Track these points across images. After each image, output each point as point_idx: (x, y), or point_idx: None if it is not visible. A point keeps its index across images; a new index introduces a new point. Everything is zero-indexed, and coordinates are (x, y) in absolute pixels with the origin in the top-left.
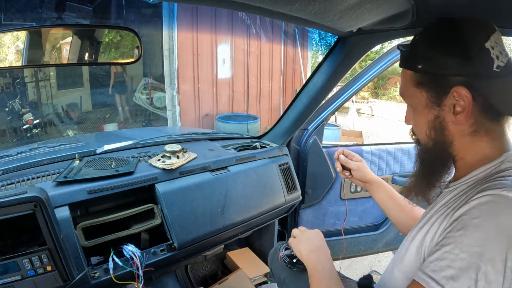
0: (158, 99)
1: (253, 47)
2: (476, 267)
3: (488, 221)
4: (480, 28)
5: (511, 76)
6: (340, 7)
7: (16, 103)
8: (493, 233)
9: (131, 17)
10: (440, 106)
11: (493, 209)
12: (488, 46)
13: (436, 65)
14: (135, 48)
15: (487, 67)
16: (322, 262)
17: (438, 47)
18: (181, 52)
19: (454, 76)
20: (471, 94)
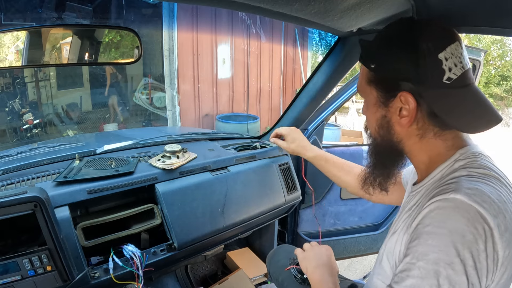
0: (158, 99)
1: (253, 47)
2: (435, 274)
3: (438, 227)
4: (438, 37)
5: (462, 90)
6: (340, 7)
7: (16, 103)
8: (445, 238)
9: (131, 17)
10: (387, 106)
11: (441, 214)
12: (441, 57)
13: (386, 67)
14: (135, 48)
15: (436, 77)
16: (326, 280)
17: (391, 50)
18: (181, 52)
19: (402, 81)
20: (416, 101)
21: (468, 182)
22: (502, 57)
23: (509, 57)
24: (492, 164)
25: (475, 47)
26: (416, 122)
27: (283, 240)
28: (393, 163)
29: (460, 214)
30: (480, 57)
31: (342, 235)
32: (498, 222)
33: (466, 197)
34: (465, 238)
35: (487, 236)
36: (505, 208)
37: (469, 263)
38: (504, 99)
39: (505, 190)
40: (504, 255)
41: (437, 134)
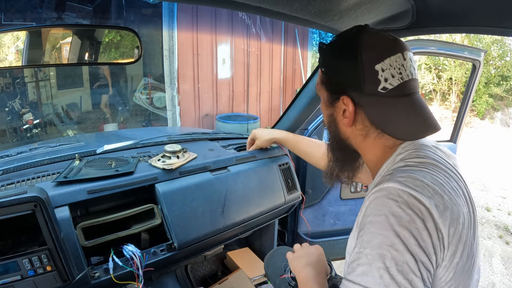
0: (158, 99)
1: (253, 47)
2: (380, 257)
3: (377, 215)
4: (378, 49)
5: (397, 99)
6: (340, 7)
7: (16, 103)
8: (384, 223)
9: (131, 17)
10: (334, 107)
11: (378, 203)
12: (378, 68)
13: (333, 72)
14: (135, 48)
15: (372, 86)
16: (314, 279)
17: (337, 58)
18: (181, 52)
19: (344, 86)
20: (354, 106)
21: (401, 171)
22: (502, 57)
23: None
24: (432, 153)
25: (475, 47)
26: (357, 123)
27: (283, 240)
28: (347, 158)
29: (394, 200)
30: (480, 57)
31: (342, 235)
32: (435, 202)
33: (398, 184)
34: (402, 220)
35: (424, 215)
36: (442, 189)
37: (411, 241)
38: (504, 99)
39: (443, 174)
40: (449, 233)
41: (379, 135)
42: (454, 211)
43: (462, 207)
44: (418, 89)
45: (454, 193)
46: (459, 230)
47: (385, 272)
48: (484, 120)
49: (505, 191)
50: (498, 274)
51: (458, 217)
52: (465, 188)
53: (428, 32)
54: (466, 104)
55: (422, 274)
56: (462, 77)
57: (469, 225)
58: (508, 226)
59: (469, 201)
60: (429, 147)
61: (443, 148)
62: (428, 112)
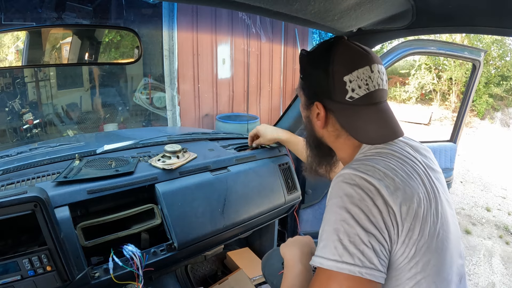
0: (158, 99)
1: (253, 47)
2: (335, 230)
3: (334, 197)
4: (347, 62)
5: (363, 108)
6: (340, 7)
7: (16, 103)
8: (338, 202)
9: (131, 17)
10: (309, 109)
11: (335, 187)
12: (346, 79)
13: (308, 79)
14: (135, 48)
15: (340, 95)
16: (299, 259)
17: (312, 66)
18: (181, 52)
19: (317, 93)
20: (325, 111)
21: (357, 160)
22: (502, 57)
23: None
24: (389, 144)
25: (475, 47)
26: (329, 126)
27: (283, 240)
28: (323, 154)
29: (347, 183)
30: (480, 57)
31: None
32: (386, 183)
33: (352, 170)
34: (352, 199)
35: (374, 194)
36: (393, 173)
37: (361, 217)
38: (504, 99)
39: (396, 160)
40: (401, 210)
41: (349, 136)
42: (406, 191)
43: (417, 189)
44: (385, 98)
45: (407, 177)
46: (413, 208)
47: (339, 244)
48: (484, 120)
49: (505, 191)
50: (498, 274)
51: (412, 197)
52: (423, 173)
53: (428, 32)
54: (466, 104)
55: (374, 246)
56: (462, 77)
57: (427, 205)
58: (508, 226)
59: (427, 184)
60: (395, 142)
61: (413, 143)
62: (393, 120)
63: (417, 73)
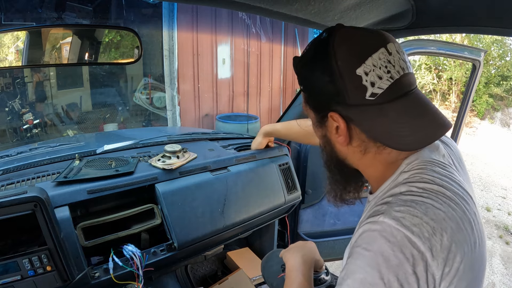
0: (158, 99)
1: (253, 47)
2: None
3: (366, 250)
4: (358, 48)
5: (391, 104)
6: (340, 7)
7: (16, 103)
8: (370, 260)
9: (131, 17)
10: (325, 126)
11: (369, 237)
12: (360, 72)
13: (310, 88)
14: (135, 48)
15: (357, 96)
16: (299, 268)
17: (310, 70)
18: (181, 52)
19: (329, 101)
20: (345, 121)
21: (401, 202)
22: (502, 57)
23: (509, 57)
24: (438, 174)
25: (475, 47)
26: (354, 140)
27: (283, 240)
28: (348, 178)
29: (386, 239)
30: (480, 57)
31: (342, 235)
32: (432, 243)
33: (394, 221)
34: (390, 262)
35: (416, 259)
36: (443, 226)
37: (394, 285)
38: (504, 99)
39: (447, 204)
40: (443, 273)
41: (380, 149)
42: (452, 250)
43: (463, 243)
44: (415, 84)
45: (456, 229)
46: (455, 267)
47: None
48: (484, 120)
49: (505, 191)
50: (498, 274)
51: (456, 255)
52: (473, 217)
53: (428, 32)
54: (466, 104)
55: None
56: (462, 77)
57: (471, 255)
58: (508, 226)
59: (475, 230)
60: (437, 163)
61: (452, 152)
62: (433, 109)
63: (417, 73)
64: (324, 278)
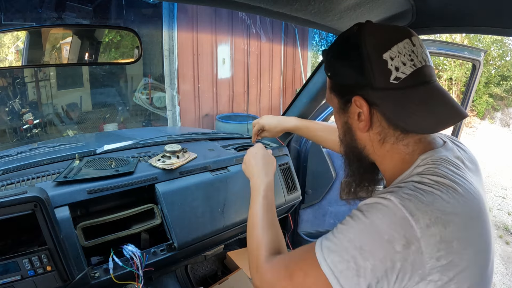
0: (158, 99)
1: (253, 47)
2: (345, 249)
3: (364, 216)
4: (383, 38)
5: (414, 89)
6: (340, 7)
7: (16, 103)
8: (364, 227)
9: (131, 17)
10: (347, 112)
11: (372, 207)
12: (386, 57)
13: (337, 74)
14: (135, 48)
15: (383, 78)
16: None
17: (339, 57)
18: (181, 52)
19: (354, 86)
20: (368, 104)
21: (411, 188)
22: (502, 57)
23: (509, 57)
24: (451, 172)
25: (475, 47)
26: (374, 126)
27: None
28: (365, 170)
29: (386, 214)
30: (480, 57)
31: None
32: (431, 232)
33: (399, 200)
34: (381, 236)
35: (408, 242)
36: (448, 219)
37: (378, 256)
38: (504, 99)
39: (456, 200)
40: (436, 264)
41: (398, 139)
42: (453, 245)
43: (473, 240)
44: (435, 77)
45: (463, 225)
46: (456, 264)
47: (341, 263)
48: (484, 120)
49: (505, 191)
50: (498, 274)
51: (458, 251)
52: (487, 213)
53: (428, 32)
54: (466, 104)
55: (370, 283)
56: (462, 77)
57: (479, 255)
58: (508, 226)
59: (488, 229)
60: (451, 161)
61: (466, 155)
62: (452, 99)
63: None
64: None
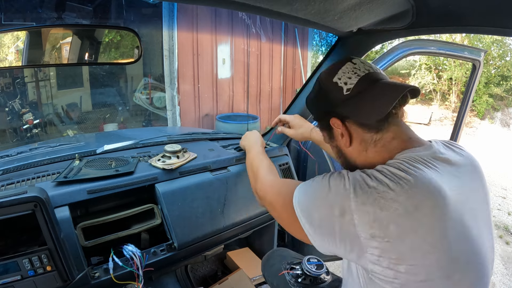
0: (158, 99)
1: (253, 47)
2: (308, 197)
3: (322, 178)
4: (331, 69)
5: (365, 91)
6: (340, 7)
7: (16, 103)
8: (318, 185)
9: (131, 17)
10: (333, 138)
11: (330, 174)
12: (335, 80)
13: (316, 112)
14: (135, 48)
15: (339, 94)
16: (255, 156)
17: (312, 100)
18: (181, 52)
19: (327, 113)
20: (340, 120)
21: (368, 173)
22: (502, 57)
23: (509, 57)
24: (414, 168)
25: (475, 47)
26: (354, 137)
27: (283, 240)
28: None
29: (338, 183)
30: (480, 57)
31: None
32: (366, 209)
33: (353, 178)
34: (328, 199)
35: (344, 212)
36: (387, 204)
37: (323, 212)
38: (504, 99)
39: (404, 191)
40: (371, 241)
41: (376, 141)
42: (390, 228)
43: (415, 229)
44: (385, 77)
45: (404, 212)
46: (393, 247)
47: (302, 204)
48: (484, 120)
49: (505, 191)
50: (498, 274)
51: (399, 236)
52: (449, 211)
53: (428, 32)
54: (466, 104)
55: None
56: (462, 77)
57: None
58: (508, 226)
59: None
60: (422, 160)
61: (463, 158)
62: (401, 84)
63: (417, 73)
64: (324, 277)
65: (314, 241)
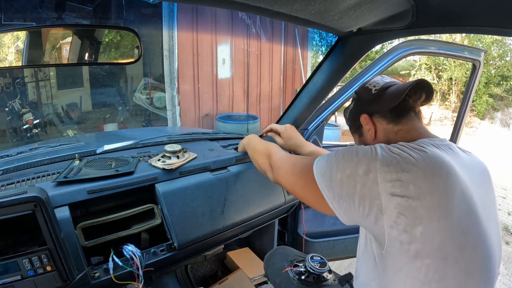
0: (158, 99)
1: (253, 47)
2: (329, 160)
3: (350, 146)
4: (368, 80)
5: (385, 89)
6: (340, 7)
7: (16, 103)
8: (348, 150)
9: (131, 17)
10: (362, 136)
11: (347, 147)
12: (367, 85)
13: (351, 117)
14: (135, 48)
15: (368, 95)
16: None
17: (350, 107)
18: (181, 52)
19: (358, 114)
20: (368, 115)
21: (393, 144)
22: (502, 57)
23: (509, 57)
24: (431, 146)
25: (475, 47)
26: (378, 129)
27: (283, 240)
28: None
29: (366, 148)
30: (480, 57)
31: (342, 235)
32: (390, 169)
33: (380, 146)
34: (353, 159)
35: (369, 170)
36: (408, 167)
37: (346, 172)
38: (504, 99)
39: (423, 159)
40: (391, 200)
41: (397, 133)
42: (410, 188)
43: (432, 189)
44: (397, 82)
45: (423, 175)
46: (409, 205)
47: (322, 168)
48: (484, 120)
49: (505, 191)
50: None
51: (418, 196)
52: (463, 181)
53: (428, 32)
54: (466, 104)
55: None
56: (462, 77)
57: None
58: (508, 226)
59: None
60: (438, 144)
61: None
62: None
63: (417, 73)
64: (327, 276)
65: (331, 203)
